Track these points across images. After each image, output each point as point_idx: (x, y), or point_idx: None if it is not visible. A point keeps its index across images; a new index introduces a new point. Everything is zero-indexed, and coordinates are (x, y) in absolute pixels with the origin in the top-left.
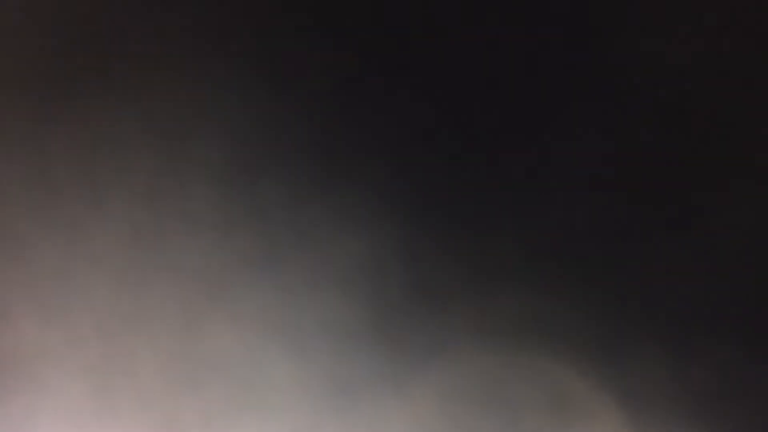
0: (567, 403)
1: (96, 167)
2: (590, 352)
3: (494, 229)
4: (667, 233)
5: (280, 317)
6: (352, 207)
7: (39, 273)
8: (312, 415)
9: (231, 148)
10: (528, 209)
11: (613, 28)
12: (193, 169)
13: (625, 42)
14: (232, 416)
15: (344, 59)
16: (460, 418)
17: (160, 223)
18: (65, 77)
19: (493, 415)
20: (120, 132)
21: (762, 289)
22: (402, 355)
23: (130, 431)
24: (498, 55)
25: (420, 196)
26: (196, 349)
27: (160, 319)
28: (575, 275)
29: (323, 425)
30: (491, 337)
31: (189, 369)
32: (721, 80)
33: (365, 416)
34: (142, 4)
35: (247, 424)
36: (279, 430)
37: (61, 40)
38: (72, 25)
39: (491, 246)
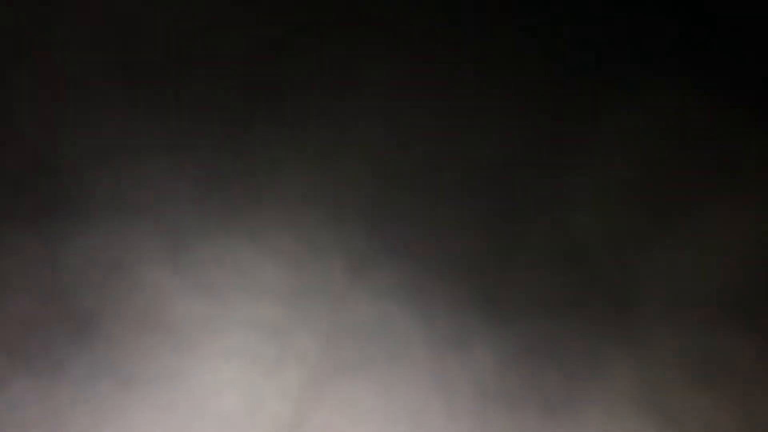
0: (590, 360)
1: (260, 182)
2: (605, 326)
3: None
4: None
5: (415, 295)
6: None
7: (206, 258)
8: (430, 359)
9: (371, 168)
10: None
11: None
12: (338, 183)
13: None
14: (367, 368)
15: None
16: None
17: (312, 233)
18: (241, 115)
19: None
20: (283, 152)
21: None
22: (493, 318)
23: (282, 382)
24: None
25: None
26: (342, 322)
27: (314, 297)
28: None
29: (441, 367)
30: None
31: (335, 334)
32: None
33: (465, 360)
34: (307, 64)
35: (377, 370)
36: (404, 375)
37: (243, 88)
38: (249, 75)
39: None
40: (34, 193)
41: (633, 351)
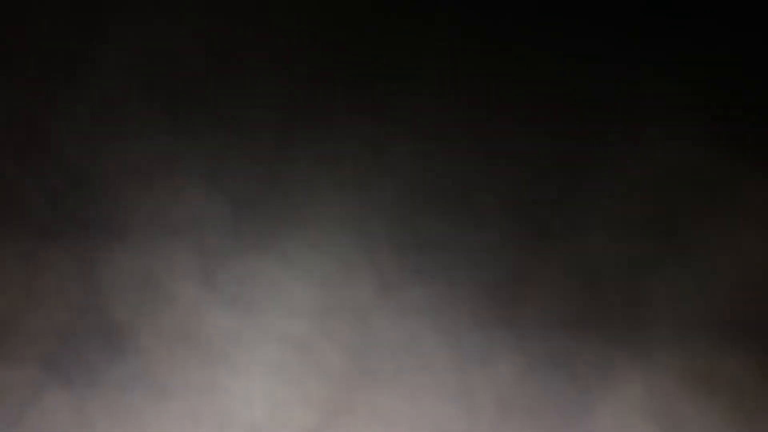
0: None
1: (294, 205)
2: (618, 342)
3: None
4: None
5: (441, 313)
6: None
7: (239, 276)
8: (454, 373)
9: (401, 194)
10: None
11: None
12: (370, 207)
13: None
14: (393, 381)
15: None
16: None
17: (343, 244)
18: (277, 140)
19: (559, 371)
20: (318, 177)
21: None
22: (514, 335)
23: (310, 394)
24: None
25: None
26: (370, 337)
27: (339, 314)
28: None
29: (464, 379)
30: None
31: (363, 349)
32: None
33: (488, 374)
34: (339, 92)
35: (403, 383)
36: (429, 387)
37: (280, 115)
38: (287, 102)
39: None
40: (73, 211)
41: (643, 366)
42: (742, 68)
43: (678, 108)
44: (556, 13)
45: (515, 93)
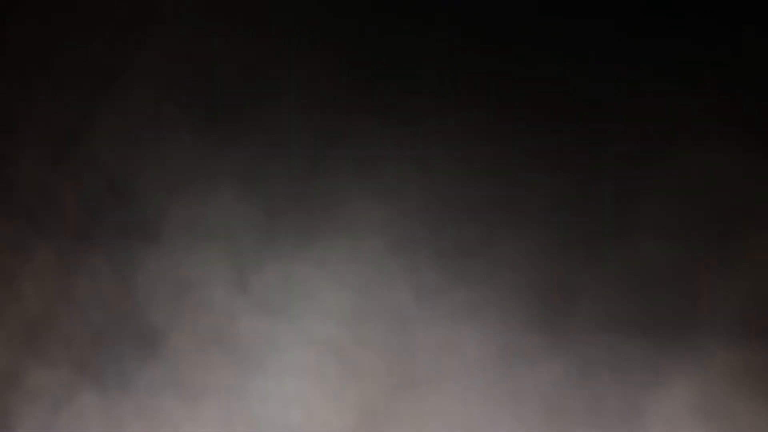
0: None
1: (327, 211)
2: (666, 344)
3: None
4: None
5: (485, 316)
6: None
7: (273, 281)
8: (499, 377)
9: (438, 204)
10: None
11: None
12: (407, 212)
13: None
14: (433, 385)
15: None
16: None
17: (373, 249)
18: (311, 149)
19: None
20: (353, 181)
21: None
22: (560, 337)
23: (347, 398)
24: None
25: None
26: (409, 341)
27: (376, 319)
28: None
29: (509, 382)
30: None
31: (402, 353)
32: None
33: (533, 377)
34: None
35: (443, 387)
36: (472, 390)
37: (313, 124)
38: (319, 112)
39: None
40: (110, 218)
41: (693, 367)
42: (742, 68)
43: (678, 108)
44: (556, 13)
45: (515, 93)
